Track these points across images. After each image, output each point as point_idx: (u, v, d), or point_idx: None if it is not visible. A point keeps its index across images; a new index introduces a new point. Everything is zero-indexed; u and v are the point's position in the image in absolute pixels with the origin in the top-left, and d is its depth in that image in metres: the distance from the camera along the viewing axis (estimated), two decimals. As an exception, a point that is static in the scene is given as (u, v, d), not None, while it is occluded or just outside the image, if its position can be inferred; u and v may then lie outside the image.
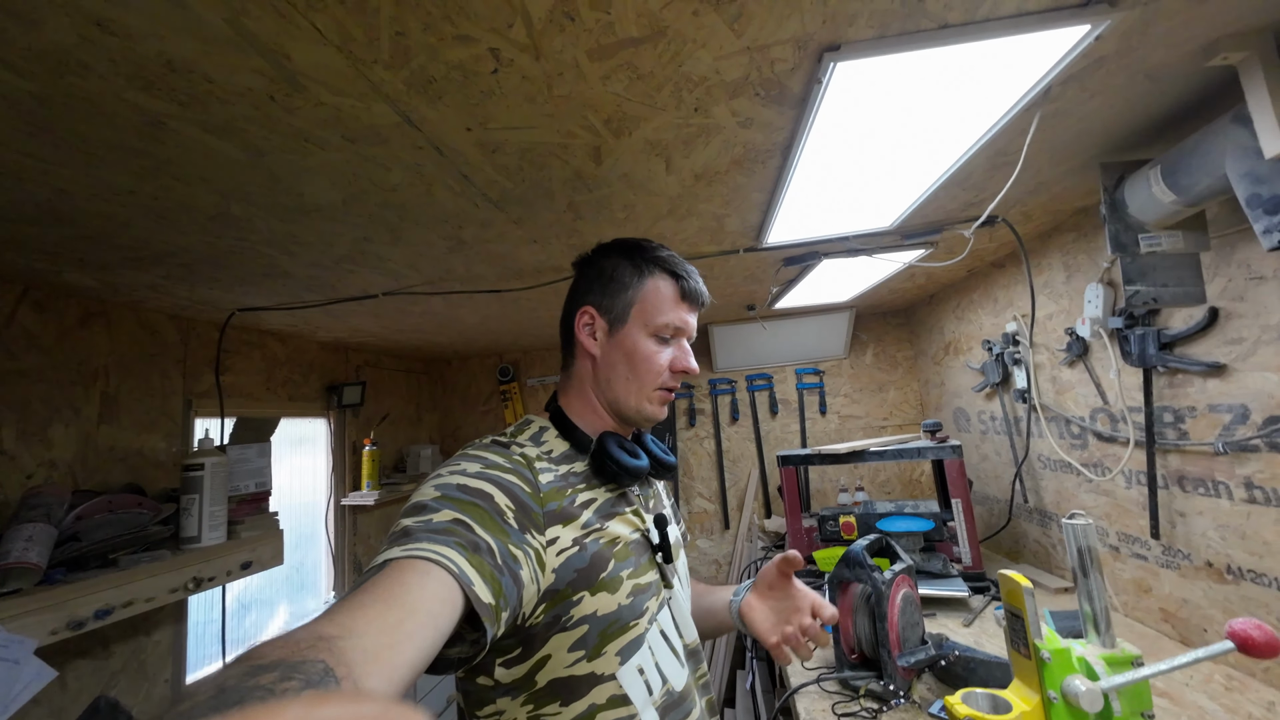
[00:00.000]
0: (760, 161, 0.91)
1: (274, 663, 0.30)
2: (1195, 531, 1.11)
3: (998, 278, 1.76)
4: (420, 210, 0.99)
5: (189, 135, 0.70)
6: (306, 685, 0.29)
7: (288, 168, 0.80)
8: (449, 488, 0.55)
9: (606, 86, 0.67)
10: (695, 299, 0.74)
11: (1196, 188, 0.83)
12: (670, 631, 0.68)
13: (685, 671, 0.68)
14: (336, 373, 2.26)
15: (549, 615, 0.58)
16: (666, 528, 0.71)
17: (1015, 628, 0.61)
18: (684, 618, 0.72)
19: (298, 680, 0.29)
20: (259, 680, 0.28)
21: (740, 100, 0.72)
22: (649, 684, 0.63)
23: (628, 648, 0.62)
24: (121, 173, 0.78)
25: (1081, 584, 0.61)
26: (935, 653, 1.06)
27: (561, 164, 0.86)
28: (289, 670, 0.29)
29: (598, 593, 0.60)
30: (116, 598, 1.12)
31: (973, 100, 0.77)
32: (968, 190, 1.12)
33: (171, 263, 1.15)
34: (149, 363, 1.52)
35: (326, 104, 0.66)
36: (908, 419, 2.53)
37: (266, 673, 0.29)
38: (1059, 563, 1.60)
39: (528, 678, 0.58)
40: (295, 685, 0.28)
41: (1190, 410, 1.09)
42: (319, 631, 0.35)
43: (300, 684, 0.29)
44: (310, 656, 0.31)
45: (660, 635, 0.66)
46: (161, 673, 1.45)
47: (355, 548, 2.27)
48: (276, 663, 0.30)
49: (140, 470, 1.46)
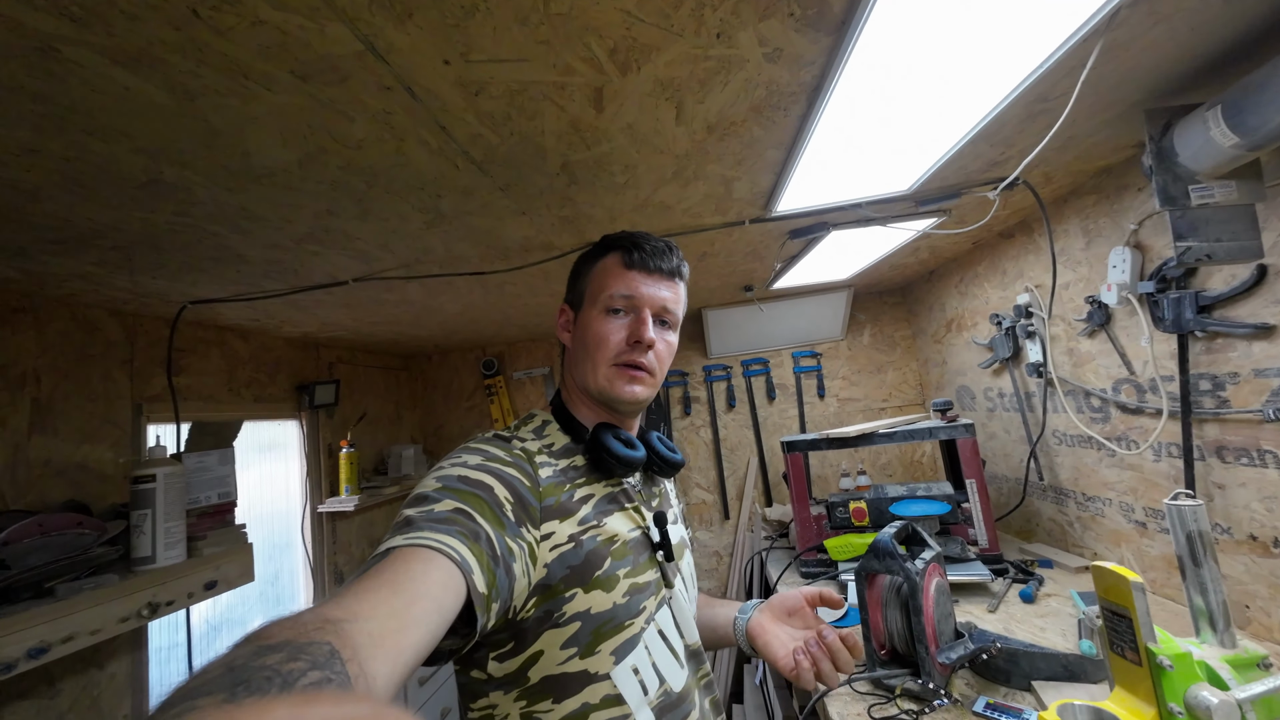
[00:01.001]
0: (782, 109, 0.80)
1: (281, 643, 0.30)
2: (1237, 504, 1.05)
3: (1006, 249, 1.69)
4: (391, 174, 0.86)
5: (94, 69, 0.56)
6: (312, 666, 0.29)
7: (227, 116, 0.67)
8: (450, 479, 0.55)
9: (616, 0, 0.55)
10: (645, 265, 0.70)
11: (1266, 126, 0.75)
12: (669, 631, 0.67)
13: (685, 672, 0.67)
14: (306, 371, 2.10)
15: (540, 610, 0.58)
16: (667, 525, 0.70)
17: (1119, 628, 0.52)
18: (685, 618, 0.71)
19: (304, 661, 0.29)
20: (265, 660, 0.28)
21: (772, 22, 0.61)
22: (644, 684, 0.62)
23: (623, 647, 0.61)
24: (16, 124, 0.64)
25: (1192, 574, 0.53)
26: (976, 646, 0.98)
27: (557, 111, 0.74)
28: (295, 651, 0.29)
29: (592, 590, 0.60)
30: (52, 633, 0.97)
31: (1027, 27, 0.68)
32: (995, 146, 1.03)
33: (102, 245, 1.00)
34: (88, 364, 1.36)
35: (267, 22, 0.53)
36: (907, 400, 2.47)
37: (273, 653, 0.29)
38: (1076, 540, 1.55)
39: (520, 673, 0.58)
40: (301, 666, 0.28)
41: (1232, 376, 1.03)
42: (325, 614, 0.35)
43: (306, 664, 0.29)
44: (317, 638, 0.32)
45: (658, 635, 0.66)
46: (119, 708, 1.31)
47: (336, 557, 2.13)
48: (284, 643, 0.30)
49: (84, 485, 1.30)
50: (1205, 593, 0.52)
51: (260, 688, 0.26)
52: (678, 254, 0.73)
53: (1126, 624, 0.51)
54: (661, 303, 0.71)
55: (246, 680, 0.26)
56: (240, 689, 0.26)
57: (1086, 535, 1.51)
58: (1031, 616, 1.23)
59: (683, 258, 0.74)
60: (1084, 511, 1.50)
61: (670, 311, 0.72)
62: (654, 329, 0.70)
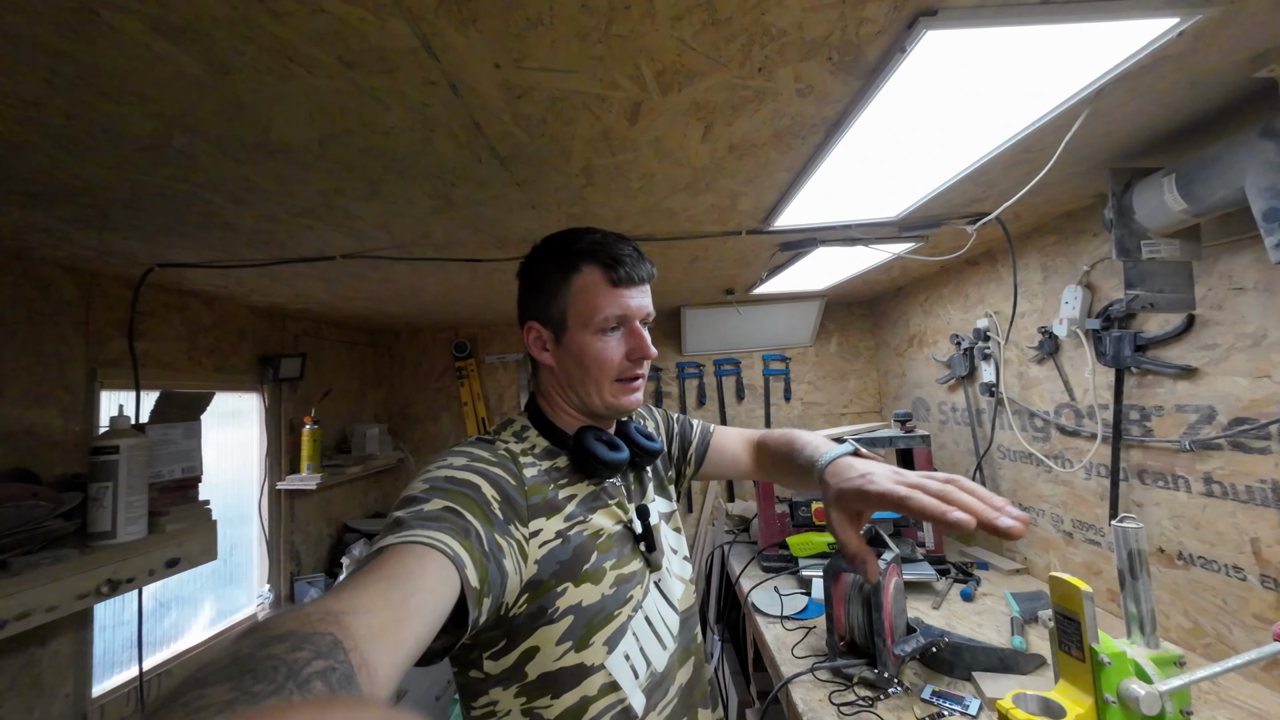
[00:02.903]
0: (801, 137, 0.84)
1: (286, 633, 0.31)
2: (1150, 520, 1.20)
3: (970, 274, 1.82)
4: (412, 160, 0.85)
5: (132, 34, 0.54)
6: (316, 656, 0.30)
7: (259, 92, 0.65)
8: (437, 480, 0.56)
9: (674, 30, 0.58)
10: (630, 280, 0.69)
11: (1210, 198, 0.86)
12: (655, 616, 0.70)
13: (666, 654, 0.70)
14: (271, 342, 2.01)
15: (532, 605, 0.59)
16: (649, 517, 0.72)
17: (1068, 630, 0.61)
18: (674, 592, 0.75)
19: (308, 650, 0.30)
20: (271, 650, 0.29)
21: (810, 64, 0.65)
22: (635, 668, 0.65)
23: (614, 636, 0.64)
24: (27, 77, 0.60)
25: (1129, 586, 0.62)
26: (926, 640, 1.08)
27: (592, 120, 0.76)
28: (300, 641, 0.30)
29: (581, 584, 0.62)
30: (6, 609, 0.92)
31: (1029, 90, 0.75)
32: (979, 186, 1.12)
33: (80, 203, 0.94)
34: (38, 323, 1.26)
35: (330, 12, 0.52)
36: (866, 407, 2.62)
37: (279, 643, 0.29)
38: (1010, 546, 1.71)
39: (517, 668, 0.60)
40: (306, 655, 0.29)
41: (1158, 409, 1.17)
42: (326, 607, 0.36)
43: (310, 654, 0.29)
44: (320, 629, 0.32)
45: (645, 621, 0.68)
46: (61, 687, 1.24)
47: (293, 535, 2.06)
48: (288, 633, 0.31)
49: (31, 451, 1.22)
50: (1139, 602, 0.62)
51: (267, 676, 0.27)
52: (647, 258, 0.73)
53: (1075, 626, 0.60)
54: (646, 310, 0.72)
55: (253, 669, 0.27)
56: (248, 678, 0.26)
57: (1019, 542, 1.67)
58: (971, 614, 1.36)
59: (651, 260, 0.73)
60: (1019, 520, 1.65)
61: (650, 314, 0.73)
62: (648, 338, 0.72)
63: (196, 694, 0.25)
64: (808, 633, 1.30)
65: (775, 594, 1.51)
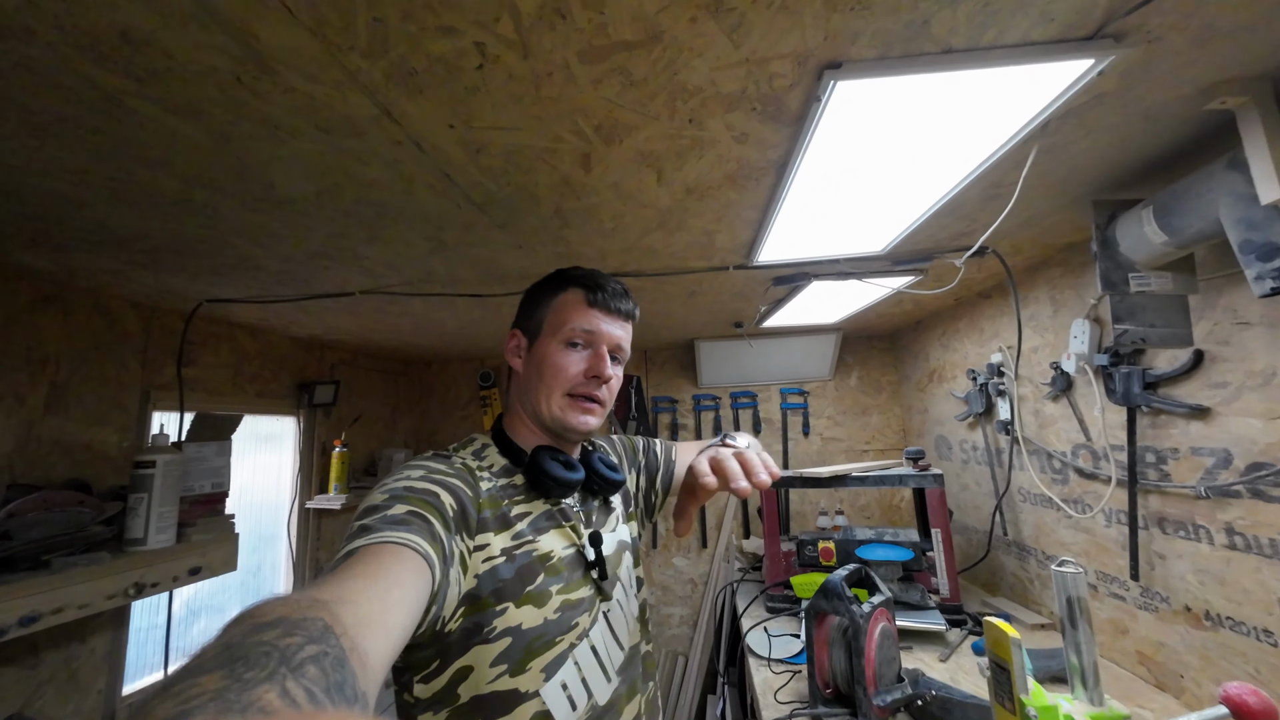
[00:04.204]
0: (754, 179, 0.88)
1: (276, 619, 0.31)
2: (1174, 574, 1.10)
3: (984, 308, 1.76)
4: (400, 208, 0.95)
5: (149, 114, 0.65)
6: (309, 641, 0.30)
7: (257, 155, 0.76)
8: (397, 490, 0.57)
9: (598, 91, 0.64)
10: (607, 306, 0.74)
11: (1188, 230, 0.82)
12: (601, 647, 0.69)
13: (611, 686, 0.68)
14: (309, 370, 2.19)
15: (468, 621, 0.59)
16: (602, 545, 0.72)
17: (1000, 680, 0.58)
18: (622, 626, 0.74)
19: (300, 636, 0.30)
20: (262, 636, 0.29)
21: (736, 114, 0.70)
22: (573, 699, 0.63)
23: (553, 664, 0.62)
24: (75, 150, 0.73)
25: (1069, 635, 0.59)
26: (911, 691, 1.02)
27: (549, 169, 0.83)
28: (291, 627, 0.30)
29: (523, 605, 0.62)
30: (45, 603, 1.04)
31: (971, 129, 0.76)
32: (960, 220, 1.11)
33: (133, 248, 1.09)
34: (105, 352, 1.44)
35: (299, 90, 0.62)
36: (890, 444, 2.52)
37: (270, 629, 0.30)
38: (1035, 597, 1.58)
39: (449, 690, 0.59)
40: (298, 640, 0.29)
41: (1173, 452, 1.08)
42: (314, 595, 0.36)
43: (302, 639, 0.29)
44: (310, 614, 0.32)
45: (590, 650, 0.67)
46: (95, 683, 1.36)
47: (318, 552, 2.18)
48: (279, 619, 0.31)
49: (88, 465, 1.38)
50: (1079, 653, 0.58)
51: (259, 663, 0.26)
52: (632, 298, 0.78)
53: (1006, 676, 0.56)
54: (617, 341, 0.75)
55: (244, 656, 0.27)
56: (239, 665, 0.26)
57: (1045, 594, 1.55)
58: (979, 668, 1.27)
59: (636, 302, 0.79)
60: (1044, 570, 1.54)
61: (622, 349, 0.77)
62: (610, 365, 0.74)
63: (189, 683, 0.25)
64: (793, 676, 1.25)
65: (765, 634, 1.46)
